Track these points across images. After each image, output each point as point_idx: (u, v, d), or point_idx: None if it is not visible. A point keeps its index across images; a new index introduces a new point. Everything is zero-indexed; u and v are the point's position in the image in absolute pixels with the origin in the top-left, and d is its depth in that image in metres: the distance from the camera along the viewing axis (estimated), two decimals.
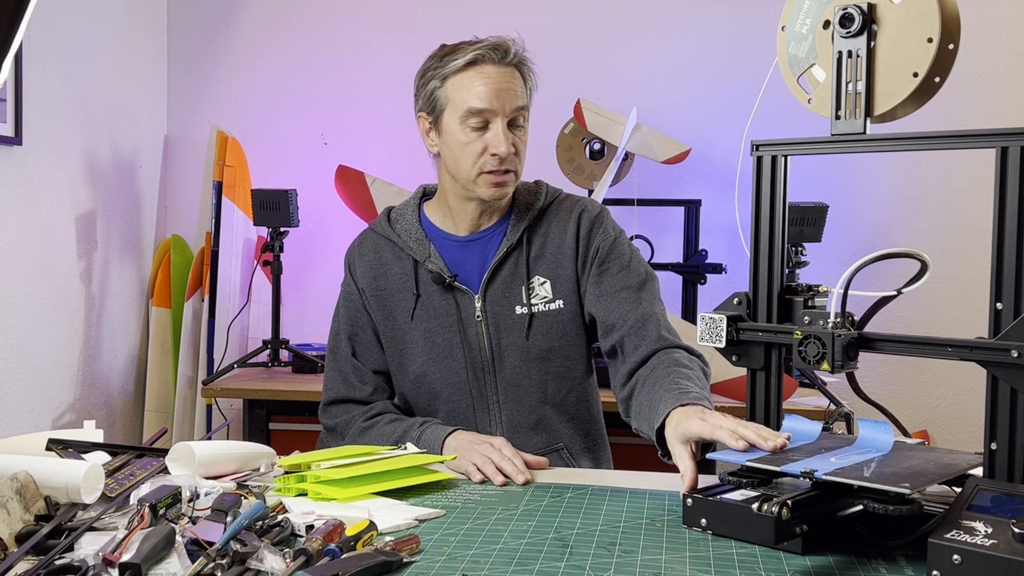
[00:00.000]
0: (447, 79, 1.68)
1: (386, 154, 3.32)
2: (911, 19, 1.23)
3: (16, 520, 1.14)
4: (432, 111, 1.71)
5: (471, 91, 1.65)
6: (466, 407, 1.74)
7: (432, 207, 1.82)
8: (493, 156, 1.66)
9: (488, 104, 1.64)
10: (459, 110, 1.66)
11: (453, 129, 1.68)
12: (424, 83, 1.72)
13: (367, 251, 1.81)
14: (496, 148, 1.65)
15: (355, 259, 1.81)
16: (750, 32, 3.14)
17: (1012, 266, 1.15)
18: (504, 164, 1.66)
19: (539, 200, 1.78)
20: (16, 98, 2.63)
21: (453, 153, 1.69)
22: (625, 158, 2.99)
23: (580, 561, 1.11)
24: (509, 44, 1.68)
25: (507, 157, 1.66)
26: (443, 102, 1.69)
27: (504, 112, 1.65)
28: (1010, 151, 1.16)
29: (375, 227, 1.83)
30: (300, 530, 1.18)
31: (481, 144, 1.66)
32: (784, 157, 1.36)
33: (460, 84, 1.66)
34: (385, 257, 1.78)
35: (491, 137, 1.66)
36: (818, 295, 1.34)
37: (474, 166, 1.67)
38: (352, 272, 1.81)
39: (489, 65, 1.66)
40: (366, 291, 1.78)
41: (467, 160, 1.67)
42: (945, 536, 1.01)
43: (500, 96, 1.65)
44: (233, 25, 3.44)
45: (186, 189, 3.49)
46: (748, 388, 1.40)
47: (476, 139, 1.66)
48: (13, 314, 2.67)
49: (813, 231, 2.79)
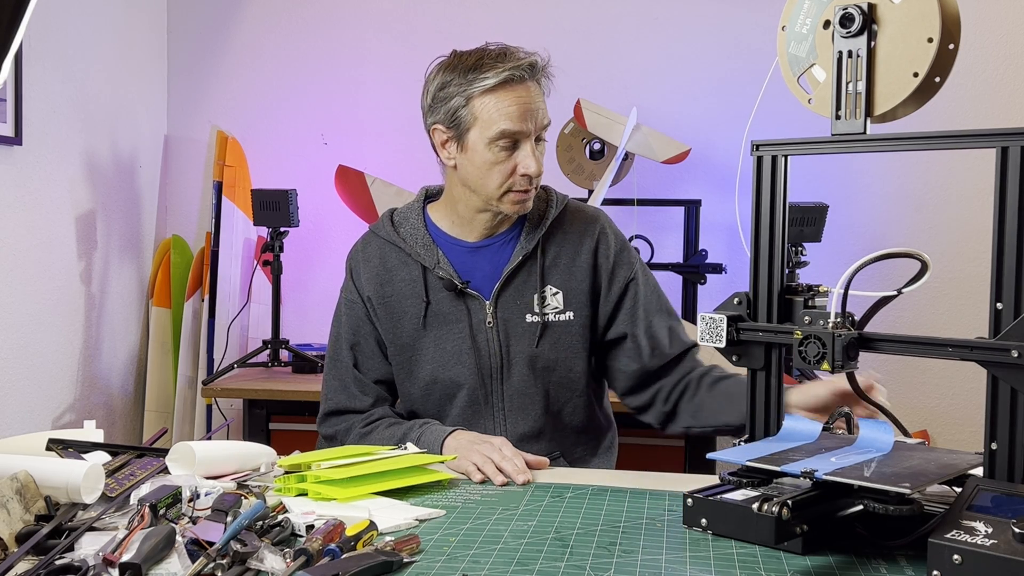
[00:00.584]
0: (473, 99, 1.62)
1: (386, 154, 3.32)
2: (911, 19, 1.23)
3: (16, 520, 1.14)
4: (455, 127, 1.66)
5: (503, 113, 1.61)
6: (472, 414, 1.73)
7: (438, 211, 1.79)
8: (523, 176, 1.65)
9: (521, 127, 1.62)
10: (489, 131, 1.62)
11: (480, 149, 1.64)
12: (445, 97, 1.65)
13: (372, 256, 1.77)
14: (527, 168, 1.64)
15: (359, 265, 1.78)
16: (750, 32, 3.14)
17: (1012, 266, 1.15)
18: (532, 183, 1.66)
19: (552, 208, 1.77)
20: (16, 98, 2.63)
21: (478, 171, 1.66)
22: (625, 158, 2.99)
23: (580, 561, 1.11)
24: (536, 60, 1.66)
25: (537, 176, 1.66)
26: (469, 121, 1.64)
27: (534, 132, 1.65)
28: (1010, 151, 1.15)
29: (378, 231, 1.79)
30: (300, 530, 1.18)
31: (511, 164, 1.64)
32: (784, 157, 1.36)
33: (490, 105, 1.62)
34: (391, 263, 1.75)
35: (522, 158, 1.64)
36: (818, 295, 1.34)
37: (501, 186, 1.65)
38: (355, 279, 1.78)
39: (519, 85, 1.62)
40: (372, 299, 1.75)
41: (495, 180, 1.65)
42: (945, 536, 1.01)
43: (531, 117, 1.63)
44: (233, 25, 3.44)
45: (186, 189, 3.49)
46: (748, 388, 1.40)
47: (505, 159, 1.64)
48: (13, 314, 2.67)
49: (813, 231, 2.79)
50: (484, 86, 1.61)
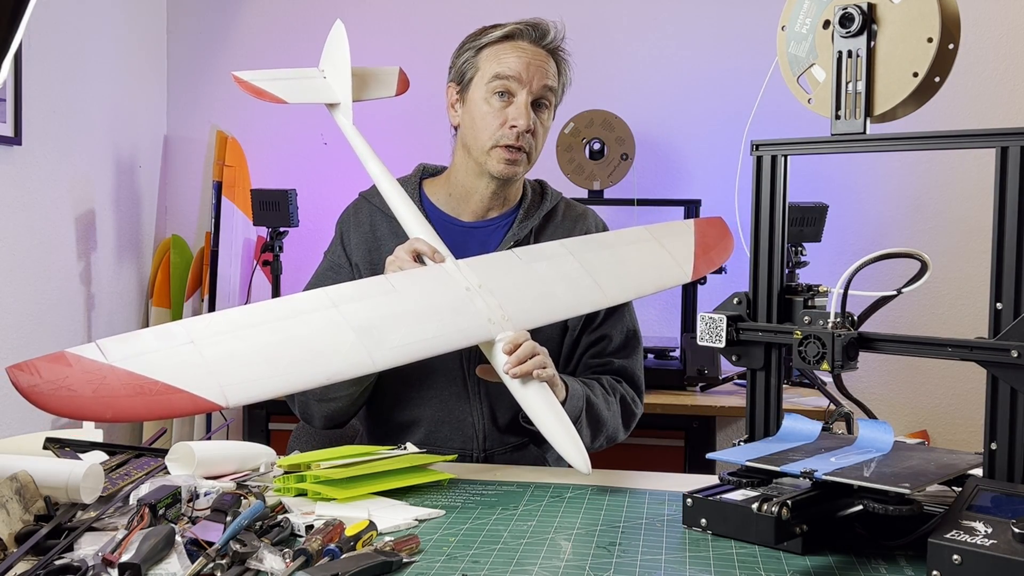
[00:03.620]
0: (482, 50, 1.70)
1: (386, 154, 3.30)
2: (911, 19, 1.23)
3: (16, 520, 1.14)
4: (461, 80, 1.72)
5: (501, 60, 1.67)
6: (450, 396, 1.70)
7: (436, 186, 1.79)
8: (512, 129, 1.65)
9: (515, 72, 1.66)
10: (487, 76, 1.67)
11: (477, 98, 1.68)
12: (459, 54, 1.74)
13: (363, 222, 1.77)
14: (516, 120, 1.65)
15: (350, 229, 1.77)
16: (750, 32, 3.14)
17: (1012, 266, 1.15)
18: (520, 140, 1.66)
19: (546, 201, 1.78)
20: (16, 98, 2.63)
21: (473, 122, 1.69)
22: (625, 158, 2.99)
23: (580, 561, 1.11)
24: (549, 26, 1.71)
25: (524, 133, 1.66)
26: (472, 73, 1.70)
27: (531, 87, 1.66)
28: (1010, 151, 1.15)
29: (371, 198, 1.79)
30: (300, 530, 1.18)
31: (502, 116, 1.66)
32: (784, 157, 1.36)
33: (492, 54, 1.68)
34: (381, 231, 1.74)
35: (512, 110, 1.66)
36: (818, 295, 1.34)
37: (491, 137, 1.67)
38: (344, 242, 1.77)
39: (526, 42, 1.68)
40: (360, 266, 1.74)
41: (486, 130, 1.67)
42: (945, 536, 1.01)
43: (529, 70, 1.66)
44: (233, 26, 3.44)
45: (186, 189, 3.49)
46: (748, 388, 1.40)
47: (498, 110, 1.67)
48: (13, 314, 2.67)
49: (813, 231, 2.79)
50: (492, 38, 1.69)
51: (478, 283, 1.55)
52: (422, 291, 1.50)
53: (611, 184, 3.00)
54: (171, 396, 1.22)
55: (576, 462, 1.40)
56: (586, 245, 1.70)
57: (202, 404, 1.23)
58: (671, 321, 3.16)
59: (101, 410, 1.19)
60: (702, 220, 1.89)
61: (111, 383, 1.20)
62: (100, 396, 1.19)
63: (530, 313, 1.55)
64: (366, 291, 1.47)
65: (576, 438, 1.43)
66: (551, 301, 1.58)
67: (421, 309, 1.47)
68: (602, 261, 1.67)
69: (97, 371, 1.21)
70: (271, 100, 1.81)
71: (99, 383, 1.19)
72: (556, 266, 1.63)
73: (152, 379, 1.22)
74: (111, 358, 1.23)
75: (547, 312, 1.58)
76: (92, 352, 1.23)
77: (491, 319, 1.50)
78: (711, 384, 2.73)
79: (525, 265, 1.62)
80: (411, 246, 1.59)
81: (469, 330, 1.49)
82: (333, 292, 1.45)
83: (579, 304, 1.61)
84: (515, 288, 1.57)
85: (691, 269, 1.76)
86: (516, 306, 1.54)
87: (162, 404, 1.21)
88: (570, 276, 1.62)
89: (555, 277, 1.61)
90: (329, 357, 1.36)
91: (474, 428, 1.70)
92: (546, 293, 1.59)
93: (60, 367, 1.19)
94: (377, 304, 1.45)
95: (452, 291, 1.52)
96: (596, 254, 1.68)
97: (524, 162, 1.69)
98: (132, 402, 1.20)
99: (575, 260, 1.65)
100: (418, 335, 1.44)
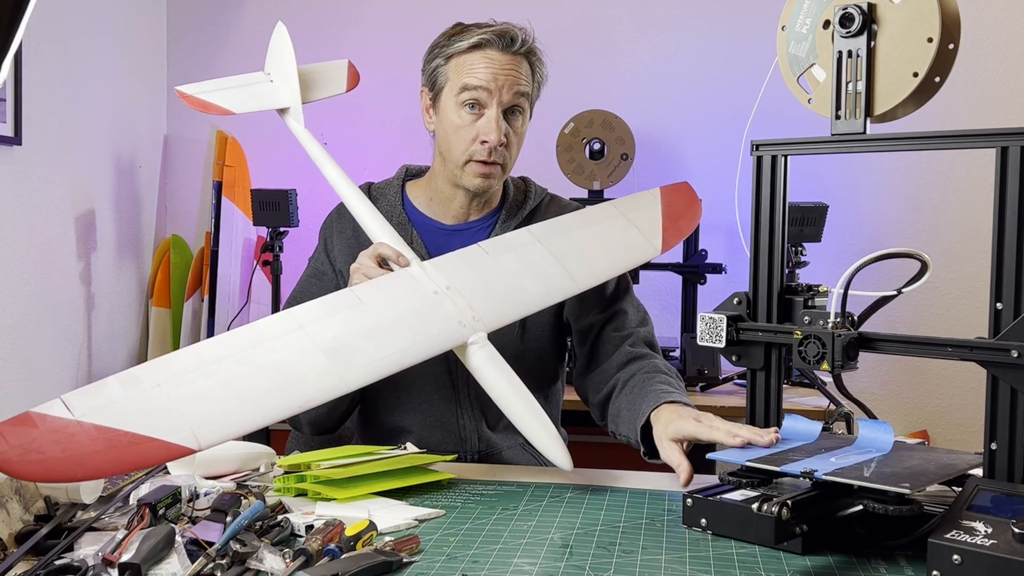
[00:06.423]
0: (451, 58, 1.66)
1: (386, 154, 3.31)
2: (911, 19, 1.23)
3: (16, 520, 1.14)
4: (433, 87, 1.70)
5: (470, 70, 1.63)
6: (440, 400, 1.70)
7: (418, 189, 1.78)
8: (483, 144, 1.63)
9: (484, 83, 1.62)
10: (456, 87, 1.64)
11: (448, 109, 1.65)
12: (430, 59, 1.70)
13: (346, 228, 1.75)
14: (486, 135, 1.62)
15: (333, 235, 1.76)
16: (750, 32, 3.14)
17: (1012, 266, 1.15)
18: (492, 156, 1.64)
19: (529, 199, 1.76)
20: (16, 98, 2.63)
21: (446, 135, 1.67)
22: (625, 158, 2.99)
23: (580, 561, 1.11)
24: (516, 32, 1.66)
25: (496, 148, 1.63)
26: (443, 80, 1.67)
27: (500, 97, 1.63)
28: (1010, 151, 1.16)
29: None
30: (300, 530, 1.18)
31: (473, 131, 1.64)
32: (784, 157, 1.36)
33: (462, 64, 1.64)
34: (364, 236, 1.71)
35: (483, 124, 1.63)
36: (818, 295, 1.34)
37: (464, 152, 1.65)
38: (328, 249, 1.76)
39: (494, 51, 1.64)
40: (343, 272, 1.71)
41: (458, 145, 1.65)
42: (945, 536, 1.01)
43: (498, 79, 1.63)
44: (233, 25, 3.44)
45: (186, 189, 3.49)
46: (748, 388, 1.40)
47: (469, 124, 1.64)
48: (13, 314, 2.67)
49: (813, 231, 2.79)
50: (460, 47, 1.65)
51: (445, 285, 1.51)
52: (389, 301, 1.47)
53: (611, 184, 3.00)
54: (142, 446, 1.16)
55: (557, 459, 1.39)
56: (553, 229, 1.67)
57: (175, 450, 1.18)
58: (671, 321, 3.16)
59: (73, 470, 1.12)
60: (668, 187, 1.86)
61: (80, 440, 1.14)
62: (69, 455, 1.12)
63: (500, 311, 1.52)
64: (332, 307, 1.43)
65: (556, 435, 1.41)
66: (521, 295, 1.55)
67: (390, 320, 1.44)
68: (570, 245, 1.64)
69: (64, 428, 1.14)
70: (218, 112, 1.77)
71: (67, 441, 1.13)
72: (523, 256, 1.60)
73: (121, 430, 1.16)
74: (77, 413, 1.16)
75: (517, 308, 1.55)
76: (58, 409, 1.16)
77: (462, 321, 1.47)
78: (711, 384, 2.72)
79: (492, 259, 1.58)
80: (375, 251, 1.56)
81: (441, 336, 1.45)
82: (299, 313, 1.40)
83: (549, 295, 1.58)
84: (483, 285, 1.54)
85: (660, 242, 1.73)
86: (486, 305, 1.51)
87: (134, 455, 1.15)
88: (538, 266, 1.59)
89: (523, 269, 1.58)
90: (299, 384, 1.31)
91: (466, 432, 1.69)
92: (515, 287, 1.56)
93: (26, 429, 1.13)
94: (345, 320, 1.41)
95: (420, 297, 1.48)
96: (563, 238, 1.65)
97: (498, 174, 1.67)
98: (103, 457, 1.14)
99: (542, 247, 1.62)
100: (390, 347, 1.40)
